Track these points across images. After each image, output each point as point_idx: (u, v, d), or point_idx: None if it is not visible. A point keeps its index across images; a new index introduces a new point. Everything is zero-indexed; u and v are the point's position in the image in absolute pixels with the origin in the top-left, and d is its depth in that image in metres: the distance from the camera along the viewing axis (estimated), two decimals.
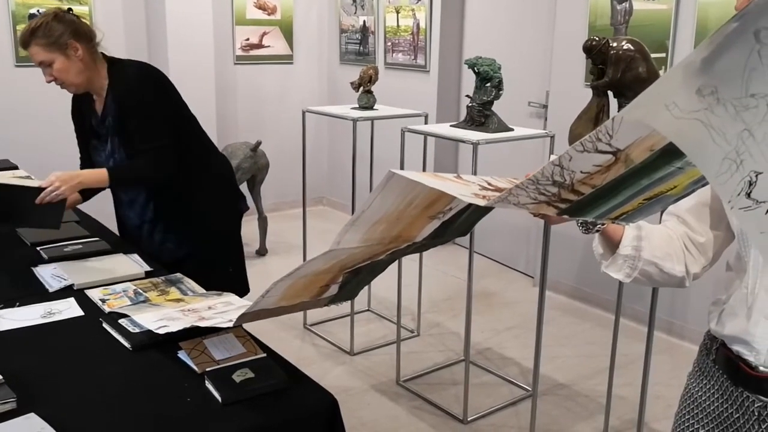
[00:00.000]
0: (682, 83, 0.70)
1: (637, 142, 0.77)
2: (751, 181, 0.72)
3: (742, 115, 0.69)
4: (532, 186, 0.85)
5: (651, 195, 0.89)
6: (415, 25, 5.03)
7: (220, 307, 1.74)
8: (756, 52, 0.65)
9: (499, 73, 2.90)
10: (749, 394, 1.16)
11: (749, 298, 1.15)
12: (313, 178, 5.90)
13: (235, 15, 5.41)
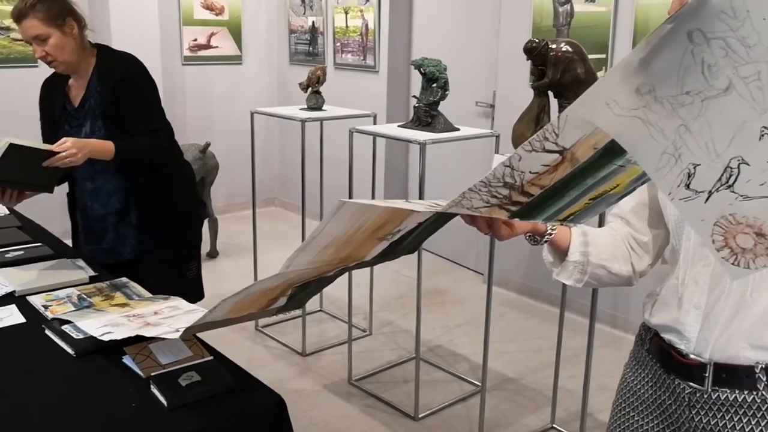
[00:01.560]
0: (622, 82, 0.74)
1: (582, 140, 0.80)
2: (689, 173, 0.75)
3: (679, 111, 0.72)
4: (485, 189, 0.88)
5: (596, 195, 0.93)
6: (363, 26, 5.06)
7: (167, 312, 1.73)
8: (689, 52, 0.69)
9: (444, 74, 2.94)
10: (680, 381, 1.21)
11: (680, 288, 1.20)
12: (264, 179, 5.87)
13: (183, 15, 5.35)
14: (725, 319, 1.14)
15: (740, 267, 0.80)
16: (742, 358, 1.13)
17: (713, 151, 0.73)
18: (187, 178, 2.60)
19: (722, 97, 0.70)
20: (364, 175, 3.61)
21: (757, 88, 0.68)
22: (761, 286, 1.10)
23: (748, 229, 0.76)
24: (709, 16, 0.67)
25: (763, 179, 0.72)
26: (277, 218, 5.88)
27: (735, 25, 0.66)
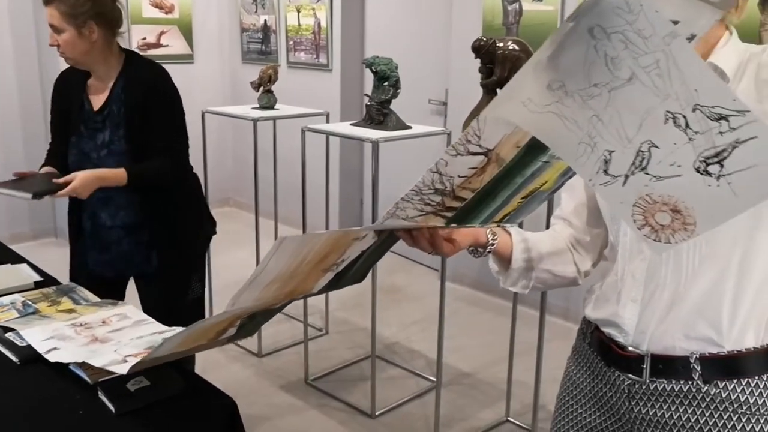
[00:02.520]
0: (534, 81, 0.77)
1: (504, 140, 0.83)
2: (606, 159, 0.79)
3: (589, 103, 0.76)
4: (417, 197, 0.90)
5: (527, 193, 0.95)
6: (316, 24, 5.04)
7: (115, 322, 1.70)
8: (592, 47, 0.73)
9: (396, 73, 2.95)
10: (620, 373, 1.23)
11: (619, 284, 1.23)
12: (218, 178, 5.80)
13: (131, 13, 5.25)
14: (661, 312, 1.17)
15: (661, 242, 0.83)
16: (678, 348, 1.16)
17: (625, 137, 0.77)
18: (197, 194, 2.50)
19: (627, 87, 0.74)
20: (319, 173, 3.60)
21: (657, 75, 0.72)
22: (694, 278, 1.13)
23: (665, 207, 0.80)
24: (606, 12, 0.70)
25: (672, 160, 0.76)
26: (231, 218, 5.82)
27: (631, 18, 0.70)
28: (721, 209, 0.77)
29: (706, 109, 0.71)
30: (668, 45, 0.70)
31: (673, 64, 0.70)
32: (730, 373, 1.15)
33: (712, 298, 1.13)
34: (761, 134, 0.70)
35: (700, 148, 0.73)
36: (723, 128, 0.71)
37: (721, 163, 0.73)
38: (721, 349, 1.14)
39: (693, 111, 0.72)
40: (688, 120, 0.72)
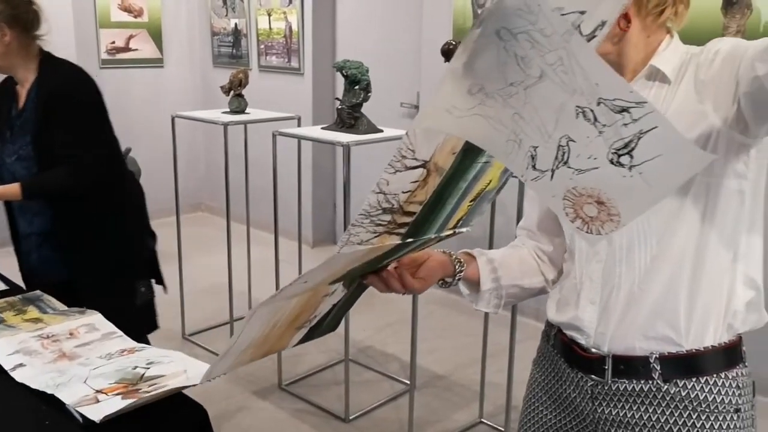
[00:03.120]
0: (454, 88, 0.79)
1: (438, 149, 0.84)
2: (532, 155, 0.81)
3: (509, 101, 0.78)
4: (367, 220, 0.90)
5: (474, 195, 0.96)
6: (287, 28, 5.03)
7: (83, 334, 1.68)
8: (503, 49, 0.75)
9: (366, 76, 2.96)
10: (582, 375, 1.25)
11: (578, 286, 1.24)
12: (190, 183, 5.76)
13: (99, 17, 5.19)
14: (619, 313, 1.18)
15: (593, 234, 0.85)
16: (638, 349, 1.17)
17: (545, 132, 0.79)
18: (132, 202, 2.45)
19: (539, 84, 0.76)
20: (291, 177, 3.59)
21: (563, 72, 0.74)
22: (647, 278, 1.14)
23: (590, 199, 0.81)
24: (509, 14, 0.73)
25: (588, 153, 0.77)
26: (204, 223, 5.78)
27: (532, 19, 0.72)
28: (639, 199, 0.78)
29: (609, 102, 0.73)
30: (567, 42, 0.72)
31: (575, 60, 0.72)
32: (689, 371, 1.16)
33: (668, 297, 1.14)
34: (660, 124, 0.72)
35: (610, 140, 0.75)
36: (626, 120, 0.73)
37: (630, 154, 0.75)
38: (680, 348, 1.15)
39: (598, 104, 0.74)
40: (596, 113, 0.74)
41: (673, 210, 1.10)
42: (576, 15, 0.79)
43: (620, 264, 1.16)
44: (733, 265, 1.14)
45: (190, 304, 3.81)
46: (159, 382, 1.42)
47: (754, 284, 1.17)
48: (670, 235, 1.11)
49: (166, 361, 1.51)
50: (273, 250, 3.25)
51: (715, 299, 1.14)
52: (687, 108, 1.07)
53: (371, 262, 1.01)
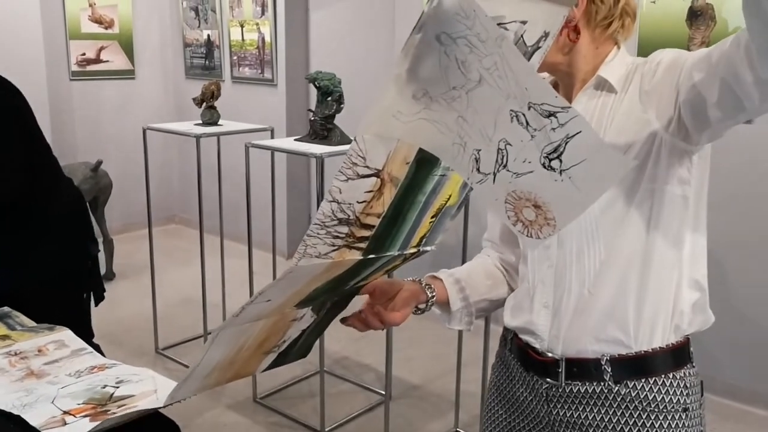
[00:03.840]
0: (399, 94, 0.80)
1: (390, 157, 0.84)
2: (476, 158, 0.82)
3: (453, 105, 0.79)
4: (322, 231, 0.88)
5: (435, 211, 0.96)
6: (260, 39, 5.02)
7: (52, 350, 1.65)
8: (443, 53, 0.76)
9: (339, 88, 2.97)
10: (538, 378, 1.27)
11: (531, 290, 1.27)
12: (163, 195, 5.72)
13: (69, 29, 5.14)
14: (571, 316, 1.21)
15: (532, 237, 0.86)
16: (590, 351, 1.20)
17: (486, 136, 0.80)
18: (71, 210, 2.41)
19: (479, 88, 0.77)
20: (265, 188, 3.58)
21: (498, 76, 0.75)
22: (597, 282, 1.17)
23: (528, 202, 0.82)
24: (447, 19, 0.74)
25: (523, 156, 0.78)
26: (177, 235, 5.73)
27: (469, 23, 0.73)
28: (571, 204, 0.80)
29: (538, 106, 0.74)
30: (500, 47, 0.73)
31: (507, 65, 0.73)
32: (639, 372, 1.19)
33: (617, 300, 1.17)
34: (584, 128, 0.73)
35: (541, 144, 0.76)
36: (554, 124, 0.74)
37: (559, 158, 0.76)
38: (630, 350, 1.18)
39: (529, 109, 0.75)
40: (527, 117, 0.75)
41: (620, 215, 1.14)
42: (518, 24, 0.81)
43: (571, 268, 1.19)
44: (678, 267, 1.18)
45: (164, 317, 3.77)
46: (128, 403, 1.40)
47: (699, 286, 1.20)
48: (618, 240, 1.15)
49: (135, 379, 1.49)
50: (247, 261, 3.23)
51: (663, 301, 1.18)
52: (632, 116, 1.11)
53: (336, 281, 0.99)
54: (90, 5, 5.22)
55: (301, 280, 0.91)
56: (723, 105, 0.98)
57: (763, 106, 0.94)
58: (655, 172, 1.10)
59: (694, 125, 1.05)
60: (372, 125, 0.83)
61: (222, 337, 0.96)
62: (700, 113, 1.02)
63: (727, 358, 3.13)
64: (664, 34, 3.03)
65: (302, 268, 0.88)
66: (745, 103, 0.95)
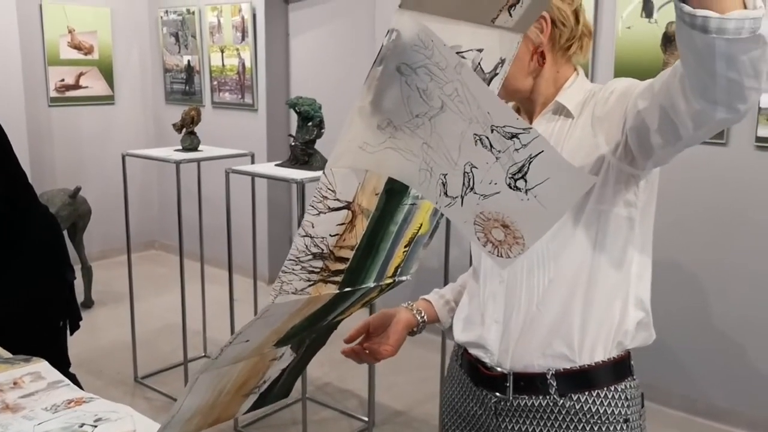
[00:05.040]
0: (364, 126, 0.82)
1: (360, 189, 0.86)
2: (443, 182, 0.84)
3: (417, 132, 0.81)
4: (297, 266, 0.88)
5: (407, 241, 0.97)
6: (240, 65, 5.04)
7: (28, 383, 1.62)
8: (405, 83, 0.79)
9: (319, 113, 2.97)
10: (487, 392, 1.29)
11: (482, 306, 1.30)
12: (143, 221, 5.67)
13: (48, 55, 5.12)
14: (519, 332, 1.24)
15: (503, 258, 0.87)
16: (536, 366, 1.23)
17: (451, 160, 0.82)
18: (44, 238, 2.37)
19: (441, 114, 0.79)
20: (246, 213, 3.56)
21: (460, 102, 0.77)
22: (545, 299, 1.21)
23: (496, 222, 0.84)
24: (406, 50, 0.76)
25: (489, 178, 0.80)
26: (157, 261, 5.68)
27: (428, 53, 0.76)
28: (538, 221, 0.81)
29: (500, 129, 0.76)
30: (459, 74, 0.75)
31: (468, 91, 0.76)
32: (583, 386, 1.23)
33: (564, 317, 1.21)
34: (546, 148, 0.76)
35: (506, 166, 0.78)
36: (517, 145, 0.76)
37: (524, 178, 0.78)
38: (574, 364, 1.22)
39: (492, 131, 0.77)
40: (491, 140, 0.77)
41: (568, 235, 1.18)
42: (474, 53, 0.82)
43: (521, 285, 1.23)
44: (623, 287, 1.22)
45: (143, 345, 3.72)
46: None
47: (643, 305, 1.25)
48: (566, 259, 1.19)
49: (114, 417, 1.46)
50: (228, 288, 3.21)
51: (607, 318, 1.21)
52: (584, 141, 1.16)
53: (314, 317, 0.98)
54: (69, 32, 5.21)
55: (279, 317, 0.90)
56: (663, 132, 1.02)
57: (698, 133, 0.98)
58: (603, 194, 1.15)
59: (640, 151, 1.10)
60: (340, 158, 0.84)
61: (201, 382, 0.95)
62: (645, 140, 1.06)
63: (667, 368, 3.17)
64: (640, 59, 3.08)
65: (279, 306, 0.88)
66: (681, 131, 0.99)
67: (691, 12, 0.80)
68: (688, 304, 3.14)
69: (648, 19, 3.04)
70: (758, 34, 0.80)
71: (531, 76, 1.20)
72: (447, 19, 0.79)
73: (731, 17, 0.79)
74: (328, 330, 1.15)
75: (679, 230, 3.09)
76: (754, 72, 0.83)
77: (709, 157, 2.95)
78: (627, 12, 3.10)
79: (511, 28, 0.83)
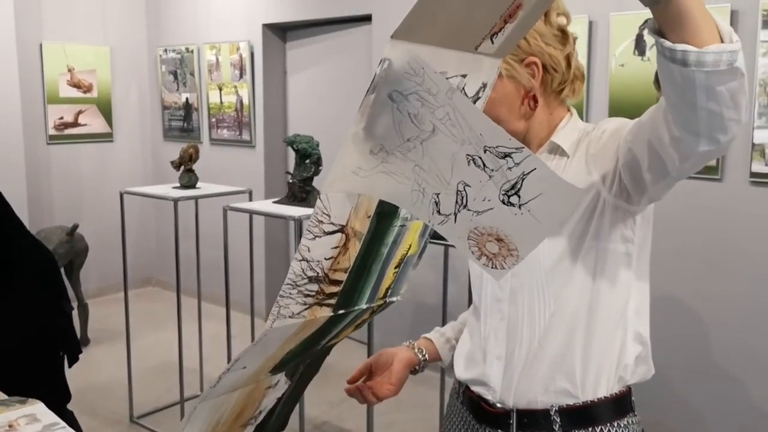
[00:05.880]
0: (357, 151, 0.86)
1: (353, 213, 0.89)
2: (436, 201, 0.87)
3: (408, 155, 0.85)
4: (294, 290, 0.90)
5: (398, 261, 1.00)
6: (238, 102, 5.08)
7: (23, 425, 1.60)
8: (396, 109, 0.82)
9: (317, 150, 3.00)
10: (490, 430, 1.29)
11: (483, 342, 1.30)
12: (141, 257, 5.67)
13: (47, 93, 5.17)
14: (522, 368, 1.24)
15: (497, 269, 0.89)
16: (539, 402, 1.23)
17: (444, 180, 0.85)
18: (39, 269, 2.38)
19: (433, 138, 0.83)
20: (244, 249, 3.56)
21: (451, 125, 0.81)
22: (546, 335, 1.22)
23: (490, 237, 0.87)
24: (398, 78, 0.81)
25: (482, 195, 0.84)
26: (154, 298, 5.65)
27: (419, 80, 0.80)
28: (532, 234, 0.84)
29: (493, 149, 0.80)
30: (451, 99, 0.79)
31: (459, 114, 0.79)
32: (585, 422, 1.22)
33: (565, 353, 1.21)
34: (538, 166, 0.79)
35: (499, 183, 0.82)
36: (510, 164, 0.80)
37: (518, 194, 0.81)
38: (577, 400, 1.22)
39: (485, 152, 0.80)
40: (484, 160, 0.81)
41: (567, 271, 1.19)
42: (459, 78, 0.87)
43: (522, 322, 1.24)
44: (623, 321, 1.23)
45: (139, 383, 3.69)
46: None
47: (642, 339, 1.26)
48: (566, 295, 1.20)
49: None
50: (225, 324, 3.19)
51: (608, 353, 1.22)
52: (579, 179, 1.18)
53: (309, 341, 1.00)
54: (69, 70, 5.26)
55: (276, 342, 0.92)
56: (652, 168, 1.05)
57: (684, 166, 1.01)
58: (599, 230, 1.17)
59: (634, 187, 1.12)
60: (335, 183, 0.87)
61: (199, 412, 0.96)
62: (637, 176, 1.09)
63: (668, 403, 3.14)
64: (633, 96, 3.12)
65: (276, 330, 0.90)
66: (668, 165, 1.01)
67: (670, 46, 0.83)
68: (687, 339, 3.13)
69: (641, 57, 3.09)
70: (735, 67, 0.84)
71: (523, 119, 1.23)
72: (435, 47, 0.83)
73: (709, 50, 0.82)
74: (321, 356, 1.17)
75: (677, 264, 3.09)
76: (734, 104, 0.87)
77: (705, 192, 2.97)
78: (620, 50, 3.15)
79: (492, 54, 0.88)
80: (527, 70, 1.19)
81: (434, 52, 0.82)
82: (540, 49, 1.19)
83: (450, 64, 0.85)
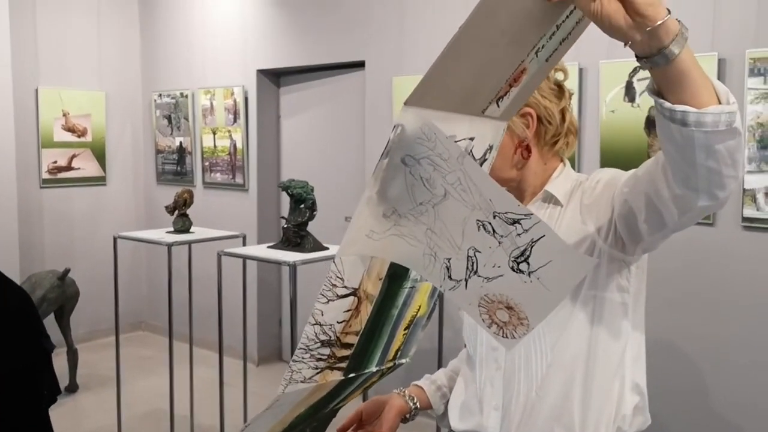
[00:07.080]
0: (371, 215, 0.87)
1: (366, 275, 0.90)
2: (447, 266, 0.87)
3: (420, 219, 0.86)
4: (307, 354, 0.91)
5: (407, 323, 1.00)
6: (232, 146, 5.11)
7: None
8: (409, 173, 0.84)
9: (312, 195, 3.01)
10: None
11: (479, 392, 1.29)
12: (132, 302, 5.61)
13: (42, 137, 5.18)
14: (519, 418, 1.23)
15: (508, 338, 0.89)
16: None
17: (455, 245, 0.85)
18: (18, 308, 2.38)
19: (445, 202, 0.84)
20: (236, 294, 3.54)
21: (462, 190, 0.82)
22: (544, 385, 1.21)
23: (501, 304, 0.86)
24: (410, 143, 0.82)
25: (492, 262, 0.84)
26: (144, 343, 5.58)
27: (430, 145, 0.81)
28: (541, 302, 0.84)
29: (503, 215, 0.81)
30: (462, 164, 0.80)
31: (470, 179, 0.81)
32: None
33: (564, 403, 1.21)
34: (547, 233, 0.80)
35: (508, 250, 0.82)
36: (519, 230, 0.80)
37: (527, 261, 0.82)
38: None
39: (494, 218, 0.81)
40: (493, 226, 0.82)
41: (564, 321, 1.19)
42: (467, 141, 0.88)
43: (519, 372, 1.23)
44: (620, 371, 1.23)
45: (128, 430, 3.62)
46: None
47: (639, 389, 1.26)
48: (563, 345, 1.20)
49: None
50: (217, 370, 3.15)
51: (606, 404, 1.21)
52: (573, 228, 1.20)
53: (318, 405, 0.99)
54: (64, 115, 5.29)
55: (287, 407, 0.91)
56: (649, 220, 1.06)
57: (682, 219, 1.02)
58: (596, 280, 1.18)
59: (629, 237, 1.13)
60: (349, 246, 0.87)
61: None
62: (633, 227, 1.10)
63: None
64: (624, 141, 3.16)
65: (289, 395, 0.89)
66: (666, 217, 1.02)
67: (670, 107, 0.85)
68: (683, 387, 3.11)
69: (631, 104, 3.14)
70: (734, 127, 0.86)
71: (516, 168, 1.25)
72: (446, 113, 0.84)
73: (708, 111, 0.85)
74: (327, 419, 1.16)
75: (671, 309, 3.09)
76: (732, 161, 0.89)
77: (698, 237, 2.99)
78: (610, 96, 3.20)
79: (498, 117, 0.90)
80: (522, 120, 1.22)
81: (445, 117, 0.83)
82: (536, 100, 1.21)
83: (459, 128, 0.86)
